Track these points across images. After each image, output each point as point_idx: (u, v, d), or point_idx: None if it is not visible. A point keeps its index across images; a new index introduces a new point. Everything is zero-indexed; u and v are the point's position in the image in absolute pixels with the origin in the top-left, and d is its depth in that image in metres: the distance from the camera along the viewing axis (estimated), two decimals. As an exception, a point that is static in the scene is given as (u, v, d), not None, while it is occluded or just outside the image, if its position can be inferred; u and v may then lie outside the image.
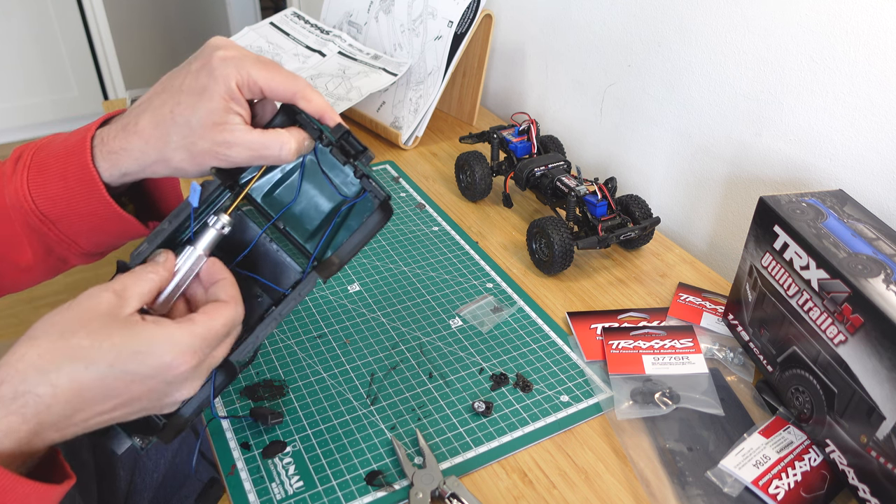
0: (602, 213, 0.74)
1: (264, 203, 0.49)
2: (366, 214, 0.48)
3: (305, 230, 0.50)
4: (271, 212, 0.49)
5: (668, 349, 0.63)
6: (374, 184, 0.46)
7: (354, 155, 0.45)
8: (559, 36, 1.01)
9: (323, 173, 0.48)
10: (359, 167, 0.45)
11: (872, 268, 0.50)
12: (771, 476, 0.52)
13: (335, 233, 0.49)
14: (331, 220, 0.49)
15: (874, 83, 0.63)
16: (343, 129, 0.45)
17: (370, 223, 0.47)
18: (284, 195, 0.49)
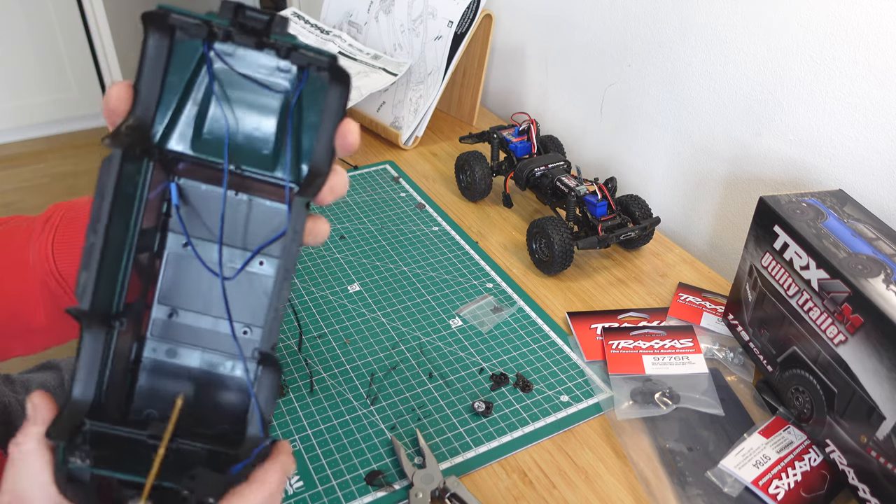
0: (602, 213, 0.74)
1: (198, 152, 0.39)
2: (321, 97, 0.40)
3: (264, 158, 0.41)
4: (213, 159, 0.40)
5: (668, 349, 0.63)
6: (309, 53, 0.37)
7: (263, 30, 0.37)
8: (559, 36, 1.01)
9: (241, 76, 0.39)
10: (279, 42, 0.37)
11: (872, 268, 0.50)
12: (771, 476, 0.52)
13: (298, 141, 0.40)
14: (285, 128, 0.40)
15: (874, 83, 0.63)
16: (230, 3, 0.36)
17: (330, 104, 0.39)
18: (214, 129, 0.40)
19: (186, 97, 0.39)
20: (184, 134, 0.39)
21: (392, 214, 0.84)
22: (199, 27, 0.36)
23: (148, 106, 0.38)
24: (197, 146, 0.39)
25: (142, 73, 0.37)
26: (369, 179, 0.92)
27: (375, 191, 0.89)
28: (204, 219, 0.41)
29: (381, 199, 0.87)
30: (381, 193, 0.89)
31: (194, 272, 0.41)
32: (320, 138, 0.39)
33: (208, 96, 0.39)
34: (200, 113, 0.39)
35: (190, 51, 0.38)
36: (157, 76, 0.38)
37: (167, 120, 0.38)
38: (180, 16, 0.36)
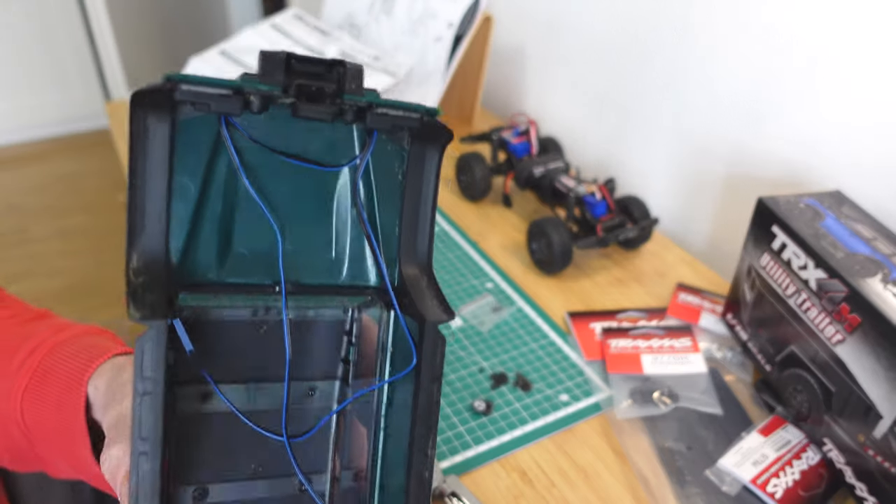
0: (601, 213, 0.74)
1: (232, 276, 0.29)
2: (396, 166, 0.29)
3: (324, 262, 0.30)
4: (251, 281, 0.29)
5: (667, 349, 0.64)
6: (396, 112, 0.27)
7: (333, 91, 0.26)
8: (559, 37, 1.01)
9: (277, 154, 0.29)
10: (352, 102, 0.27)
11: (870, 267, 0.51)
12: (769, 475, 0.52)
13: (375, 230, 0.29)
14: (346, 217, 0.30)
15: (872, 85, 0.63)
16: (277, 56, 0.25)
17: (426, 173, 0.29)
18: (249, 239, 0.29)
19: (204, 201, 0.28)
20: (204, 256, 0.28)
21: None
22: (227, 101, 0.25)
23: (155, 230, 0.27)
24: (226, 268, 0.28)
25: (137, 180, 0.26)
26: (370, 180, 0.92)
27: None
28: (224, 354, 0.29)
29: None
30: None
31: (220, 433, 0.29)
32: (412, 222, 0.29)
33: (232, 192, 0.28)
34: (224, 220, 0.28)
35: (197, 131, 0.27)
36: (159, 179, 0.26)
37: (182, 244, 0.28)
38: (197, 86, 0.25)
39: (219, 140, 0.28)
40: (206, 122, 0.27)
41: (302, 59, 0.25)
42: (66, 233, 2.07)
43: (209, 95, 0.25)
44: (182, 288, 0.28)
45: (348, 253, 0.30)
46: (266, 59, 0.25)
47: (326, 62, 0.26)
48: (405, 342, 0.29)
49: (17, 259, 1.94)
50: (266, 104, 0.26)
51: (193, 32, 2.91)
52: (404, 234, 0.29)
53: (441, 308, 0.28)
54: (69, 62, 2.59)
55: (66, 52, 2.57)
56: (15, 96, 2.57)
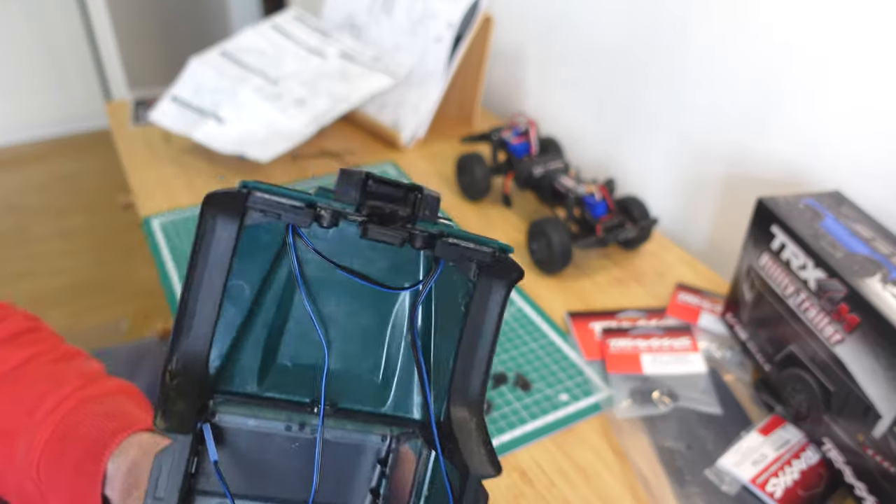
0: (601, 213, 0.74)
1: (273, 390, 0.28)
2: (459, 297, 0.28)
3: (369, 386, 0.29)
4: (292, 398, 0.28)
5: (667, 348, 0.64)
6: (468, 245, 0.27)
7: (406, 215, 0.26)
8: (559, 37, 1.01)
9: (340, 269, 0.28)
10: (423, 230, 0.26)
11: (869, 267, 0.51)
12: (768, 474, 0.52)
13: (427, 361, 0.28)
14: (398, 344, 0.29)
15: (871, 85, 0.63)
16: (355, 174, 0.25)
17: (489, 309, 0.28)
18: (297, 355, 0.28)
19: (257, 308, 0.27)
20: (246, 364, 0.27)
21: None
22: (299, 213, 0.25)
23: (201, 333, 0.26)
24: (267, 379, 0.28)
25: (194, 281, 0.26)
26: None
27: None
28: (250, 465, 0.28)
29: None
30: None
31: None
32: (468, 358, 0.27)
33: (287, 302, 0.28)
34: (274, 330, 0.28)
35: (263, 236, 0.27)
36: (216, 281, 0.26)
37: (226, 350, 0.27)
38: (271, 196, 0.25)
39: (282, 248, 0.27)
40: (272, 227, 0.27)
41: (379, 181, 0.25)
42: (66, 233, 2.07)
43: (281, 206, 0.25)
44: (218, 393, 0.27)
45: (396, 380, 0.28)
46: (343, 177, 0.25)
47: (404, 186, 0.26)
48: (443, 489, 0.27)
49: (17, 259, 1.94)
50: (336, 220, 0.25)
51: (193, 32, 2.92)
52: (458, 369, 0.27)
53: (489, 460, 0.26)
54: (69, 62, 2.59)
55: (66, 52, 2.57)
56: (15, 96, 2.57)
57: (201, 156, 0.95)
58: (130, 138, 1.01)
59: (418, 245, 0.27)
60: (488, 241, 0.27)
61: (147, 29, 2.78)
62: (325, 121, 0.92)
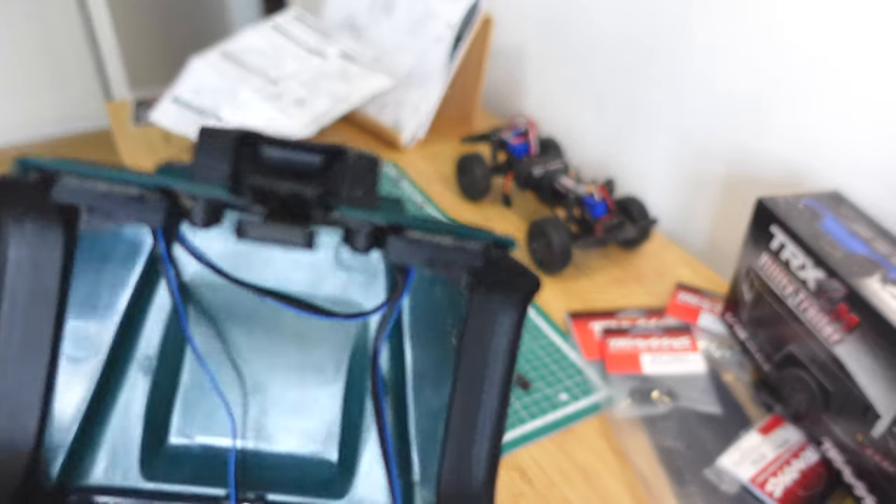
0: (600, 213, 0.74)
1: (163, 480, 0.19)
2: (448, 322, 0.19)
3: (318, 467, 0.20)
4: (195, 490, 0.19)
5: (666, 348, 0.64)
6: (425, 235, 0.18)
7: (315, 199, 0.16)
8: (559, 37, 1.01)
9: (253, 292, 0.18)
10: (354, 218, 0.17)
11: (868, 267, 0.51)
12: (768, 474, 0.52)
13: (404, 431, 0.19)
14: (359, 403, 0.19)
15: (870, 85, 0.63)
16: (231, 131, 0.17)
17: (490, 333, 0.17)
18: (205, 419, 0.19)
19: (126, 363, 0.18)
20: (121, 447, 0.18)
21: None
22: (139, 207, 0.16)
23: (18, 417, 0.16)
24: (158, 466, 0.18)
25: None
26: (370, 180, 0.93)
27: (376, 191, 0.90)
28: None
29: (381, 199, 0.88)
30: (381, 194, 0.89)
31: None
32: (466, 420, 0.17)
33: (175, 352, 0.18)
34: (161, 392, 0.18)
35: (113, 246, 0.17)
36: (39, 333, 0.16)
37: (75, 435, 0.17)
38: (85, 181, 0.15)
39: (151, 265, 0.17)
40: (124, 237, 0.17)
41: (271, 142, 0.16)
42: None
43: (111, 197, 0.15)
44: (73, 493, 0.18)
45: (361, 461, 0.18)
46: (205, 139, 0.15)
47: (314, 147, 0.16)
48: None
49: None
50: (216, 213, 0.16)
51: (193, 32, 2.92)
52: (452, 439, 0.17)
53: None
54: (69, 62, 2.59)
55: (66, 52, 2.57)
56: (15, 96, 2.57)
57: (201, 156, 0.95)
58: (131, 138, 1.01)
59: (362, 244, 0.17)
60: (476, 232, 0.17)
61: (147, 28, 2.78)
62: (326, 121, 0.92)
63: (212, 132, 0.16)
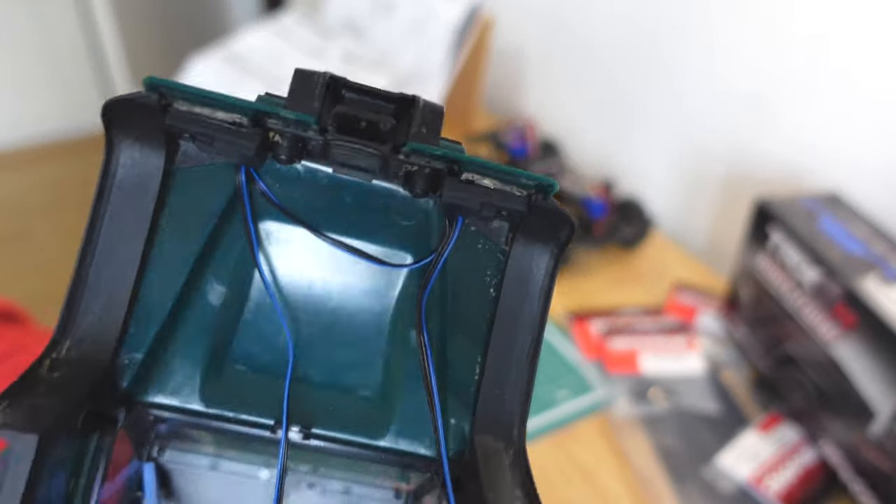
0: (600, 213, 0.75)
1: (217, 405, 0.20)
2: (487, 275, 0.20)
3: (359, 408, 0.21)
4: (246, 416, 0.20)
5: (665, 348, 0.64)
6: (480, 176, 0.19)
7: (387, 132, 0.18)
8: (559, 37, 1.02)
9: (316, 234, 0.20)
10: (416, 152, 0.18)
11: (865, 267, 0.51)
12: (766, 472, 0.53)
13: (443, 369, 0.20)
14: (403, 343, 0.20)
15: (869, 86, 0.64)
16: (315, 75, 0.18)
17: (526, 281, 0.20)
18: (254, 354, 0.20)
19: (199, 289, 0.19)
20: (180, 366, 0.19)
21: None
22: (238, 135, 0.18)
23: (110, 315, 0.18)
24: (211, 390, 0.20)
25: (95, 236, 0.19)
26: (370, 180, 0.93)
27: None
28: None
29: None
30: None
31: None
32: (501, 363, 0.19)
33: (240, 282, 0.20)
34: (222, 320, 0.20)
35: (208, 184, 0.19)
36: (131, 243, 0.18)
37: (151, 342, 0.19)
38: (201, 107, 0.17)
39: (231, 207, 0.19)
40: (213, 175, 0.19)
41: (353, 88, 0.18)
42: (67, 233, 2.08)
43: (214, 124, 0.17)
44: (136, 404, 0.19)
45: (401, 399, 0.20)
46: (299, 80, 0.17)
47: (390, 95, 0.18)
48: None
49: (17, 259, 1.95)
50: (298, 150, 0.18)
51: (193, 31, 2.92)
52: (487, 381, 0.19)
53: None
54: (69, 62, 2.60)
55: (66, 52, 2.57)
56: (15, 96, 2.57)
57: (202, 156, 0.95)
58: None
59: (420, 188, 0.18)
60: (521, 173, 0.18)
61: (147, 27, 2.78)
62: (326, 121, 0.92)
63: (305, 74, 0.17)
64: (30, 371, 0.17)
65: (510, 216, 0.19)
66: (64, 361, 0.17)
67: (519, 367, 0.20)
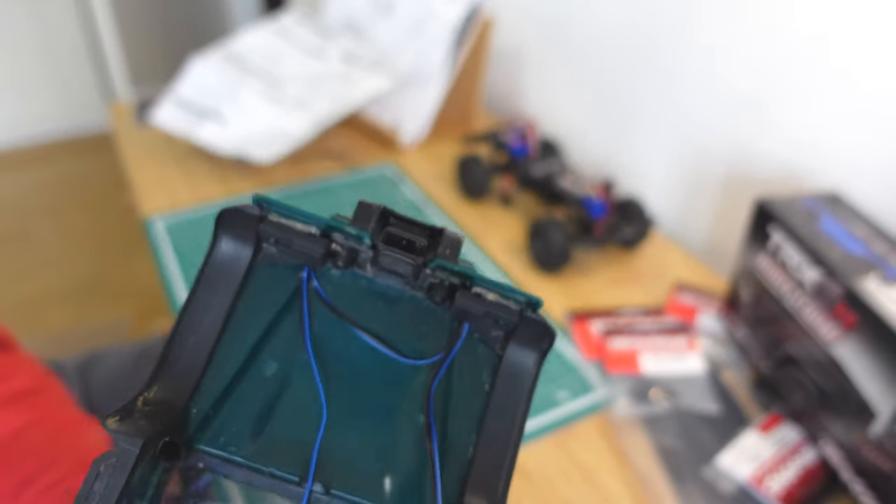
0: (600, 213, 0.75)
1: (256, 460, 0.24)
2: (484, 374, 0.25)
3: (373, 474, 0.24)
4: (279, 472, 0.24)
5: (665, 348, 0.64)
6: (485, 290, 0.24)
7: (419, 252, 0.24)
8: (559, 37, 1.02)
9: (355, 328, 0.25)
10: (440, 268, 0.24)
11: (866, 267, 0.51)
12: (766, 473, 0.53)
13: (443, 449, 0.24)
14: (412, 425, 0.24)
15: (869, 86, 0.64)
16: (373, 208, 0.24)
17: (517, 386, 0.24)
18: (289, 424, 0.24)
19: (252, 362, 0.24)
20: (230, 424, 0.24)
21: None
22: (312, 241, 0.23)
23: (189, 372, 0.23)
24: (251, 447, 0.23)
25: (194, 305, 0.24)
26: (371, 181, 0.93)
27: (377, 192, 0.90)
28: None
29: (382, 200, 0.88)
30: (382, 195, 0.90)
31: None
32: (491, 449, 0.23)
33: (288, 362, 0.24)
34: (268, 391, 0.24)
35: (270, 282, 0.24)
36: (216, 316, 0.24)
37: (214, 400, 0.23)
38: (287, 220, 0.23)
39: (292, 300, 0.24)
40: (282, 274, 0.24)
41: (399, 217, 0.24)
42: (68, 233, 2.08)
43: (294, 231, 0.23)
44: (195, 448, 0.23)
45: (405, 469, 0.24)
46: (361, 208, 0.23)
47: (425, 225, 0.24)
48: None
49: (17, 259, 1.95)
50: (352, 259, 0.24)
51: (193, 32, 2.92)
52: (477, 461, 0.23)
53: None
54: (69, 62, 2.60)
55: (66, 52, 2.57)
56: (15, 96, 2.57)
57: (203, 157, 0.95)
58: (132, 139, 1.02)
59: (438, 296, 0.24)
60: (514, 291, 0.23)
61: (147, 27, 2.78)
62: (327, 122, 0.92)
63: (365, 204, 0.23)
64: (130, 402, 0.21)
65: (505, 326, 0.24)
66: (152, 400, 0.22)
67: (505, 447, 0.24)
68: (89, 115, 2.70)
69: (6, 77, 2.52)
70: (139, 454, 0.19)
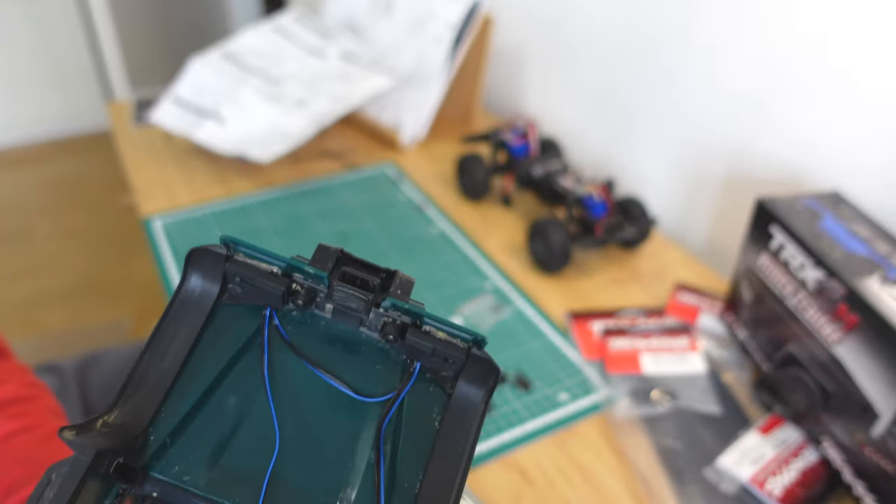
0: (600, 213, 0.75)
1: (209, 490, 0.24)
2: (434, 412, 0.26)
3: None
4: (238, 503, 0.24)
5: (666, 348, 0.64)
6: (435, 329, 0.25)
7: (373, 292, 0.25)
8: (559, 37, 1.01)
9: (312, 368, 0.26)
10: (392, 314, 0.25)
11: (867, 267, 0.51)
12: (767, 473, 0.53)
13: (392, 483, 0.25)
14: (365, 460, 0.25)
15: (869, 86, 0.64)
16: (331, 250, 0.26)
17: (464, 423, 0.25)
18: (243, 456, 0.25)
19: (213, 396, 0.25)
20: (185, 455, 0.24)
21: (393, 215, 0.85)
22: (276, 280, 0.25)
23: (150, 400, 0.24)
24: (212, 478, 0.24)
25: (161, 339, 0.25)
26: (370, 181, 0.93)
27: (376, 192, 0.90)
28: None
29: (382, 200, 0.88)
30: (381, 195, 0.89)
31: None
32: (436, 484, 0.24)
33: (244, 399, 0.25)
34: (223, 425, 0.25)
35: (240, 319, 0.26)
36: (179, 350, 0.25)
37: (172, 429, 0.24)
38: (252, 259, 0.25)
39: (254, 337, 0.26)
40: (245, 313, 0.26)
41: (355, 259, 0.25)
42: (67, 233, 2.08)
43: (258, 270, 0.25)
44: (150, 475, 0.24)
45: (358, 499, 0.25)
46: (320, 251, 0.25)
47: (379, 268, 0.25)
48: None
49: (17, 259, 1.95)
50: (311, 299, 0.25)
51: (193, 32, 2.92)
52: (423, 496, 0.24)
53: None
54: (69, 62, 2.60)
55: (66, 51, 2.57)
56: (15, 96, 2.57)
57: (203, 156, 0.95)
58: (132, 139, 1.02)
59: (391, 334, 0.25)
60: (461, 329, 0.24)
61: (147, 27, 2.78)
62: (326, 122, 0.92)
63: (324, 247, 0.25)
64: (90, 421, 0.22)
65: (454, 364, 0.25)
66: (111, 424, 0.23)
67: (451, 480, 0.24)
68: (88, 115, 2.69)
69: (5, 77, 2.51)
70: (90, 465, 0.20)
